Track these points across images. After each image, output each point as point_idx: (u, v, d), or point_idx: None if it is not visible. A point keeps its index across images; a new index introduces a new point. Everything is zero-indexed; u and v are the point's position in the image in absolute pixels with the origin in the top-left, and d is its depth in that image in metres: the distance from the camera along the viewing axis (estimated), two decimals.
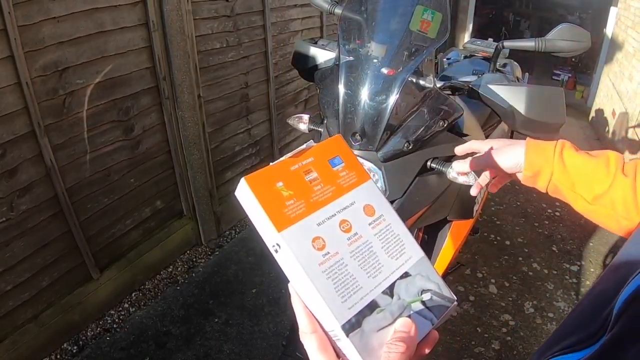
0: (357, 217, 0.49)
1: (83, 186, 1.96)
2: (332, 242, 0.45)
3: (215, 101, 2.57)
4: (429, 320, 0.47)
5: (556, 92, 1.31)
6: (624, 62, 4.71)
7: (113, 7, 1.85)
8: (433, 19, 1.24)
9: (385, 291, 0.46)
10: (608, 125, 4.77)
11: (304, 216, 0.45)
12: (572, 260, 2.85)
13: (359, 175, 0.52)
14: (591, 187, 0.75)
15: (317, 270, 0.43)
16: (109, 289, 2.19)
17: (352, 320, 0.43)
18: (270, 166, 0.47)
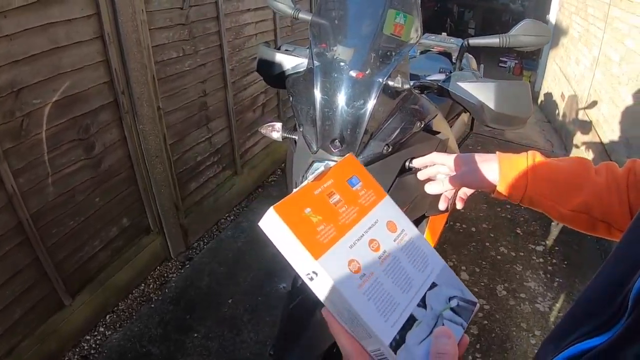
0: (383, 234, 0.49)
1: (47, 210, 1.87)
2: (365, 263, 0.46)
3: (175, 112, 2.51)
4: (460, 325, 0.49)
5: (523, 86, 1.35)
6: (570, 46, 4.94)
7: (67, 21, 1.77)
8: (405, 22, 1.25)
9: (419, 304, 0.47)
10: (558, 108, 4.99)
11: (336, 240, 0.45)
12: (536, 241, 2.98)
13: (376, 193, 0.53)
14: (566, 195, 0.76)
15: (358, 293, 0.44)
16: (82, 314, 2.11)
17: (397, 337, 0.43)
18: (295, 193, 0.47)
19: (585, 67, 4.21)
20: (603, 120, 3.56)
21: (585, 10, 4.43)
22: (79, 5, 1.81)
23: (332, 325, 0.46)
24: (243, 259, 2.74)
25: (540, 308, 2.47)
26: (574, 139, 4.22)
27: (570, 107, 4.52)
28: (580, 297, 0.54)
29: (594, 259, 2.85)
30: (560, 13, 5.48)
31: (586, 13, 4.39)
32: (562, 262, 2.83)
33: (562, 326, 0.53)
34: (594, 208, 0.74)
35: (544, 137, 4.79)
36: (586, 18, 4.38)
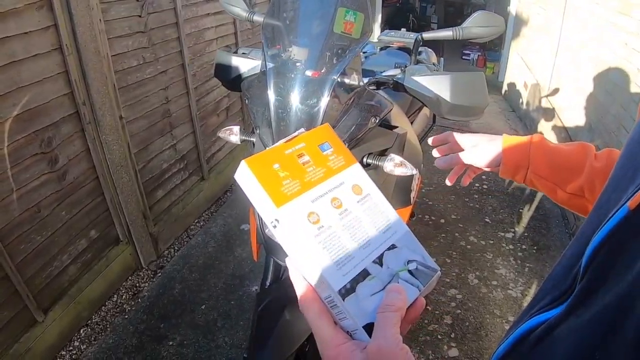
0: (347, 195, 0.53)
1: (14, 227, 1.83)
2: (325, 216, 0.50)
3: (138, 120, 2.49)
4: (416, 287, 0.51)
5: (478, 77, 1.38)
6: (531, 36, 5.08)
7: (23, 34, 1.74)
8: (356, 20, 1.25)
9: (375, 261, 0.50)
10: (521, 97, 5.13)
11: (300, 194, 0.50)
12: (505, 229, 3.07)
13: (346, 159, 0.56)
14: (565, 178, 0.81)
15: (314, 242, 0.47)
16: (56, 329, 2.07)
17: (347, 285, 0.47)
18: (266, 150, 0.52)
19: (546, 56, 4.34)
20: (566, 106, 3.69)
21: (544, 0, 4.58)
22: (35, 17, 1.78)
23: (292, 273, 0.49)
24: (214, 265, 2.74)
25: (513, 294, 2.55)
26: (538, 127, 4.36)
27: (533, 95, 4.66)
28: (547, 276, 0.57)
29: (563, 242, 2.95)
30: (519, 3, 5.63)
31: (545, 2, 4.53)
32: (531, 247, 2.93)
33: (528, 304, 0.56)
34: (587, 192, 0.79)
35: (509, 126, 4.93)
36: (545, 7, 4.52)
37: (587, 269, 0.42)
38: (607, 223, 0.41)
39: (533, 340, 0.47)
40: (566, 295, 0.45)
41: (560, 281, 0.48)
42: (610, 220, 0.41)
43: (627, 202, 0.39)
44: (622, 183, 0.45)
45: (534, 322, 0.48)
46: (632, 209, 0.39)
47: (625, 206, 0.39)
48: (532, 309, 0.51)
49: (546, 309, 0.47)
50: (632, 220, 0.39)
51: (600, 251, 0.41)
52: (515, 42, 5.72)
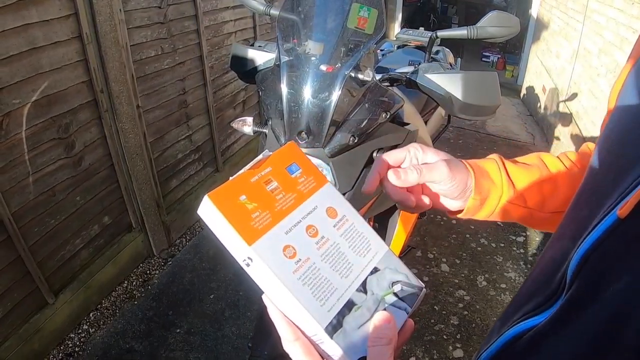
0: (322, 220, 0.50)
1: (28, 209, 1.88)
2: (302, 248, 0.46)
3: (154, 110, 2.52)
4: (403, 309, 0.49)
5: (491, 76, 1.38)
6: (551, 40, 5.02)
7: (44, 22, 1.78)
8: (369, 15, 1.27)
9: (359, 289, 0.47)
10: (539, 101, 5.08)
11: (271, 226, 0.46)
12: (517, 232, 3.04)
13: (317, 180, 0.53)
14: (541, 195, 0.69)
15: (292, 278, 0.44)
16: (65, 312, 2.12)
17: (334, 321, 0.44)
18: (230, 181, 0.48)
19: (565, 60, 4.29)
20: (583, 112, 3.64)
21: (565, 4, 4.52)
22: (56, 6, 1.82)
23: (272, 311, 0.47)
24: (224, 255, 2.71)
25: None
26: (555, 131, 4.31)
27: (551, 99, 4.60)
28: (530, 274, 0.55)
29: None
30: (541, 7, 5.57)
31: (566, 7, 4.47)
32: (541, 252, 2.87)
33: (508, 307, 0.54)
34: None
35: (526, 130, 4.88)
36: (566, 11, 4.46)
37: (575, 277, 0.41)
38: (595, 231, 0.40)
39: (520, 348, 0.46)
40: (551, 301, 0.44)
41: (543, 285, 0.47)
42: (597, 227, 0.39)
43: (616, 210, 0.38)
44: (603, 186, 0.44)
45: (519, 329, 0.47)
46: (622, 217, 0.37)
47: (613, 213, 0.38)
48: (515, 314, 0.49)
49: (531, 315, 0.46)
50: (622, 229, 0.37)
51: (589, 259, 0.40)
52: (535, 45, 5.65)
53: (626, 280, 0.35)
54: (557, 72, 4.55)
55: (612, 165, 0.45)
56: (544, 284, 0.46)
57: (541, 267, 0.52)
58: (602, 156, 0.48)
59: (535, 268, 0.54)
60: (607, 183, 0.43)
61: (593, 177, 0.49)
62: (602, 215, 0.39)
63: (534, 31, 5.66)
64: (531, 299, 0.48)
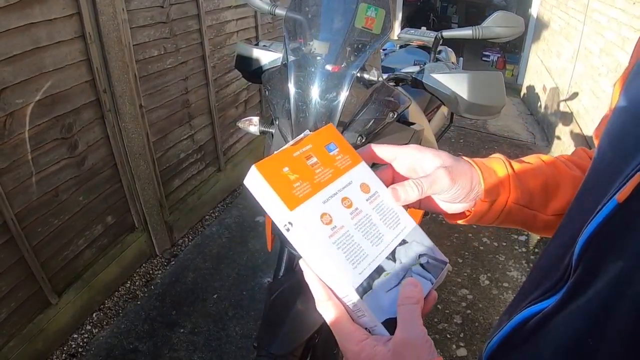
0: (356, 194, 0.54)
1: (32, 209, 1.88)
2: (337, 217, 0.50)
3: (157, 110, 2.52)
4: (429, 280, 0.53)
5: (496, 76, 1.38)
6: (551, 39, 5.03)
7: (48, 21, 1.78)
8: (377, 15, 1.26)
9: (389, 257, 0.51)
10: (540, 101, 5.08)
11: (311, 195, 0.50)
12: (519, 231, 3.05)
13: (352, 158, 0.57)
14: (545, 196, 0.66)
15: (328, 242, 0.48)
16: (69, 312, 2.11)
17: (364, 283, 0.47)
18: (275, 154, 0.51)
19: (566, 60, 4.29)
20: (584, 111, 3.64)
21: (565, 4, 4.52)
22: (59, 5, 1.81)
23: (307, 274, 0.50)
24: (227, 255, 2.76)
25: None
26: (555, 131, 4.31)
27: (552, 99, 4.60)
28: (536, 264, 0.58)
29: None
30: (541, 7, 5.58)
31: (566, 6, 4.47)
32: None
33: (519, 293, 0.57)
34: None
35: (527, 130, 4.88)
36: (566, 11, 4.46)
37: (580, 261, 0.43)
38: (596, 216, 0.42)
39: (528, 330, 0.48)
40: (558, 286, 0.46)
41: (550, 272, 0.49)
42: (599, 213, 0.42)
43: (615, 195, 0.40)
44: (605, 177, 0.46)
45: (527, 313, 0.49)
46: (620, 202, 0.40)
47: (613, 199, 0.41)
48: (524, 300, 0.51)
49: (539, 300, 0.48)
50: (621, 213, 0.40)
51: (592, 244, 0.42)
52: (536, 45, 5.66)
53: (624, 261, 0.38)
54: (557, 71, 4.55)
55: (613, 158, 0.47)
56: (551, 271, 0.49)
57: (547, 256, 0.55)
58: (604, 150, 0.51)
59: (541, 258, 0.57)
60: (609, 174, 0.45)
61: (596, 170, 0.52)
62: (604, 201, 0.42)
63: (534, 31, 5.67)
64: (539, 286, 0.50)
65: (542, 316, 0.46)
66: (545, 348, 0.45)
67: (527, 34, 5.84)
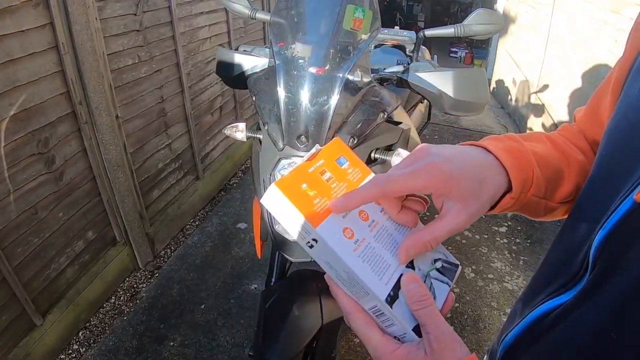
0: (370, 206, 0.53)
1: (11, 229, 1.80)
2: (358, 230, 0.50)
3: (134, 120, 2.47)
4: (446, 283, 0.54)
5: (479, 73, 1.42)
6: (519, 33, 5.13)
7: (20, 32, 1.71)
8: (364, 17, 1.27)
9: (408, 265, 0.52)
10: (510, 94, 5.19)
11: (330, 211, 0.49)
12: (499, 223, 3.10)
13: (362, 171, 0.57)
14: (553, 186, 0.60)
15: (354, 256, 0.48)
16: (55, 333, 2.04)
17: (391, 293, 0.48)
18: (292, 172, 0.51)
19: (535, 53, 4.39)
20: (555, 102, 3.73)
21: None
22: (32, 15, 1.75)
23: (333, 289, 0.50)
24: (211, 264, 2.72)
25: (509, 287, 2.57)
26: (527, 122, 4.40)
27: (522, 92, 4.70)
28: (546, 258, 0.59)
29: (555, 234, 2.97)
30: (507, 2, 5.69)
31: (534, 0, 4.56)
32: (525, 240, 2.97)
33: (530, 287, 0.58)
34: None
35: (499, 122, 4.98)
36: (533, 5, 4.56)
37: (597, 257, 0.43)
38: (614, 214, 0.42)
39: (546, 325, 0.49)
40: (574, 281, 0.47)
41: (564, 267, 0.49)
42: (615, 212, 0.42)
43: (633, 195, 0.40)
44: (618, 172, 0.46)
45: (544, 309, 0.49)
46: (638, 202, 0.40)
47: (630, 198, 0.41)
48: (539, 295, 0.52)
49: (555, 295, 0.49)
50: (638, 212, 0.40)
51: (609, 242, 0.42)
52: (503, 39, 5.77)
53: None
54: (527, 64, 4.66)
55: (626, 151, 0.47)
56: (565, 266, 0.49)
57: (559, 250, 0.56)
58: (614, 142, 0.51)
59: (550, 253, 0.58)
60: (622, 168, 0.45)
61: (607, 162, 0.51)
62: (620, 200, 0.42)
63: None
64: (553, 280, 0.51)
65: (561, 311, 0.47)
66: (565, 343, 0.46)
67: None
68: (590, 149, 0.67)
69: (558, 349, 0.47)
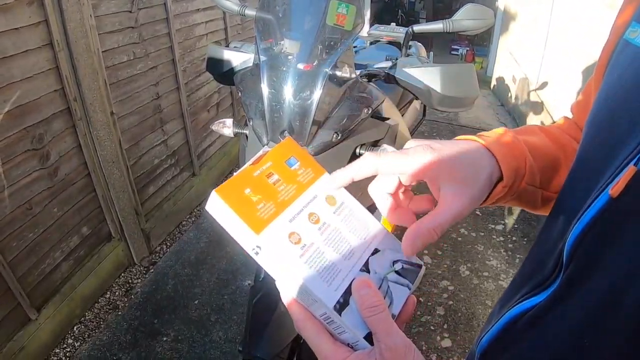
0: (322, 208, 0.52)
1: (5, 224, 1.82)
2: (305, 234, 0.49)
3: (129, 116, 2.48)
4: (406, 286, 0.51)
5: (467, 68, 1.41)
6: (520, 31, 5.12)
7: (14, 30, 1.72)
8: (348, 12, 1.26)
9: (362, 269, 0.50)
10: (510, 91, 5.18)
11: (276, 216, 0.48)
12: (496, 220, 3.10)
13: (315, 171, 0.55)
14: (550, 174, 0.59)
15: (299, 262, 0.46)
16: (49, 327, 2.06)
17: (340, 300, 0.46)
18: (235, 176, 0.50)
19: (534, 50, 4.38)
20: (554, 99, 3.73)
21: None
22: (26, 13, 1.76)
23: (283, 297, 0.49)
24: (206, 260, 2.74)
25: (504, 285, 2.57)
26: (527, 120, 4.41)
27: (522, 89, 4.70)
28: (527, 257, 0.56)
29: None
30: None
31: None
32: (521, 239, 2.97)
33: (507, 290, 0.56)
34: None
35: (498, 120, 4.98)
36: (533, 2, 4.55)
37: (572, 256, 0.42)
38: (588, 210, 0.41)
39: (520, 327, 0.47)
40: (549, 281, 0.45)
41: (539, 266, 0.48)
42: (591, 207, 0.40)
43: (608, 189, 0.38)
44: (595, 164, 0.44)
45: (519, 310, 0.48)
46: (614, 196, 0.38)
47: (606, 193, 0.39)
48: (515, 296, 0.50)
49: (530, 295, 0.47)
50: (614, 207, 0.38)
51: (584, 239, 0.41)
52: (504, 37, 5.76)
53: (620, 257, 0.37)
54: (527, 62, 4.65)
55: (603, 142, 0.45)
56: (541, 265, 0.48)
57: (537, 249, 0.54)
58: (593, 133, 0.49)
59: (531, 251, 0.56)
60: (599, 161, 0.43)
61: (585, 155, 0.49)
62: (595, 194, 0.40)
63: (502, 23, 5.77)
64: (529, 280, 0.49)
65: (535, 312, 0.45)
66: (539, 349, 0.45)
67: (495, 26, 5.95)
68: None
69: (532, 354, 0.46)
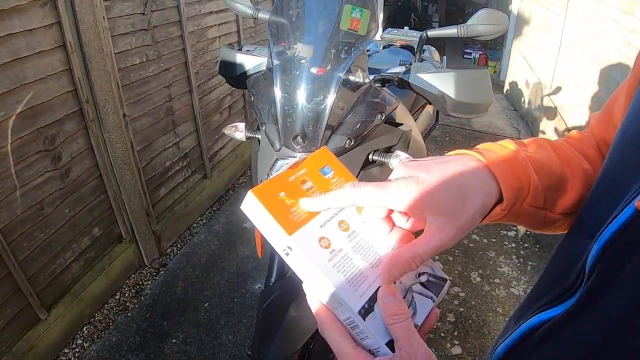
0: (352, 216, 0.53)
1: (17, 224, 1.83)
2: (335, 240, 0.50)
3: (141, 118, 2.49)
4: (429, 298, 0.52)
5: (482, 74, 1.39)
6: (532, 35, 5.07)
7: (28, 31, 1.74)
8: (362, 16, 1.25)
9: None
10: (523, 96, 5.13)
11: (308, 220, 0.50)
12: (508, 227, 3.06)
13: (348, 180, 0.57)
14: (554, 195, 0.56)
15: (328, 266, 0.47)
16: (59, 327, 2.07)
17: (365, 305, 0.47)
18: (270, 179, 0.52)
19: (548, 54, 4.34)
20: (568, 105, 3.69)
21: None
22: (39, 14, 1.78)
23: (309, 299, 0.49)
24: (217, 263, 2.74)
25: (515, 292, 2.54)
26: (540, 125, 4.36)
27: (535, 94, 4.65)
28: (546, 269, 0.56)
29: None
30: (521, 2, 5.63)
31: (547, 1, 4.52)
32: (533, 245, 2.93)
33: (527, 298, 0.55)
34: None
35: (511, 125, 4.93)
36: (547, 6, 4.51)
37: (594, 269, 0.41)
38: (613, 223, 0.40)
39: (537, 338, 0.47)
40: (569, 293, 0.45)
41: (560, 278, 0.47)
42: (615, 220, 0.40)
43: (634, 202, 0.38)
44: (622, 179, 0.44)
45: (536, 320, 0.48)
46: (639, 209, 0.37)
47: (632, 205, 0.38)
48: (532, 307, 0.50)
49: (548, 307, 0.47)
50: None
51: (607, 252, 0.40)
52: (517, 40, 5.71)
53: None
54: (540, 66, 4.61)
55: (631, 157, 0.45)
56: (562, 277, 0.47)
57: (557, 261, 0.54)
58: (621, 149, 0.48)
59: (551, 263, 0.55)
60: (626, 176, 0.43)
61: (610, 174, 0.49)
62: (621, 207, 0.40)
63: (515, 27, 5.73)
64: (548, 292, 0.49)
65: (552, 324, 0.45)
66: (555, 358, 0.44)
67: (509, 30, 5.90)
68: (597, 156, 0.62)
69: None
